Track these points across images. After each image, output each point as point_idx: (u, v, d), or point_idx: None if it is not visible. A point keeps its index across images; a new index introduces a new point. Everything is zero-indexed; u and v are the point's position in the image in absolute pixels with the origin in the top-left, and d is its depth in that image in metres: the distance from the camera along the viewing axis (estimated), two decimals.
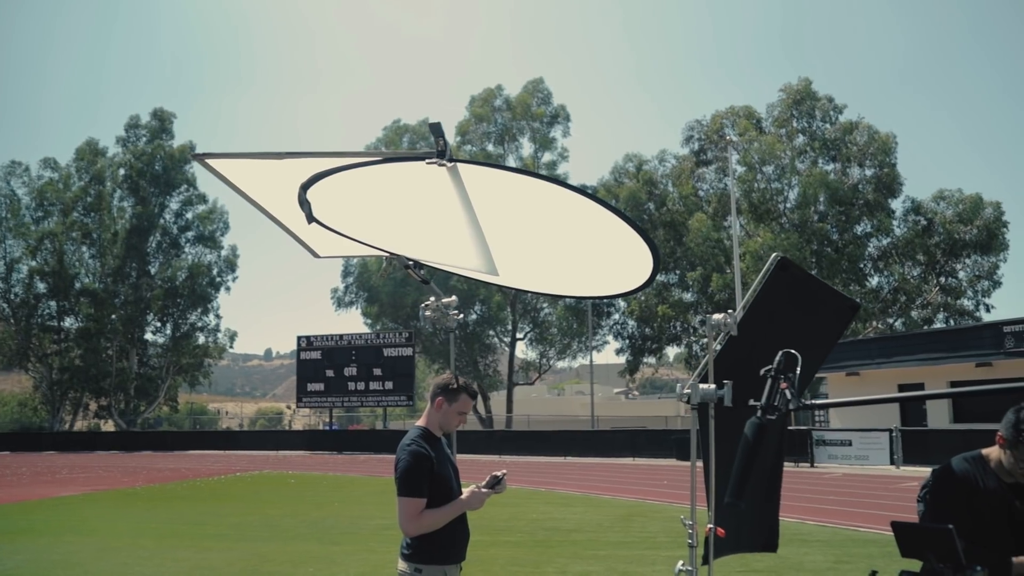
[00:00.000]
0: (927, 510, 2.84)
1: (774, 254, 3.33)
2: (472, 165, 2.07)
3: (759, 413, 2.26)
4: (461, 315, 4.05)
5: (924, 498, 2.83)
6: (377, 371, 34.04)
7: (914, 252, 41.96)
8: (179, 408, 55.20)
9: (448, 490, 3.76)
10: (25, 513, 14.33)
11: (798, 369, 2.26)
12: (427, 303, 3.81)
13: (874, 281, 44.19)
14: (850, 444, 23.26)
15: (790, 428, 28.33)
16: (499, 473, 3.86)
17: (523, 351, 50.05)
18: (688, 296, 44.49)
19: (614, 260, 2.79)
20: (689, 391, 2.82)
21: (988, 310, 42.16)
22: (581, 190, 2.25)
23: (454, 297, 3.83)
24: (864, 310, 44.15)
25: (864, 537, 10.76)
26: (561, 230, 2.67)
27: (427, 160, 2.14)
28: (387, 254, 3.04)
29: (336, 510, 14.31)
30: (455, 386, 3.88)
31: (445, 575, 3.71)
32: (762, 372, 2.29)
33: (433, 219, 2.49)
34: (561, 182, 2.23)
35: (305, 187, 2.21)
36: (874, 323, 46.00)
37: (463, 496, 3.77)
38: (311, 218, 2.38)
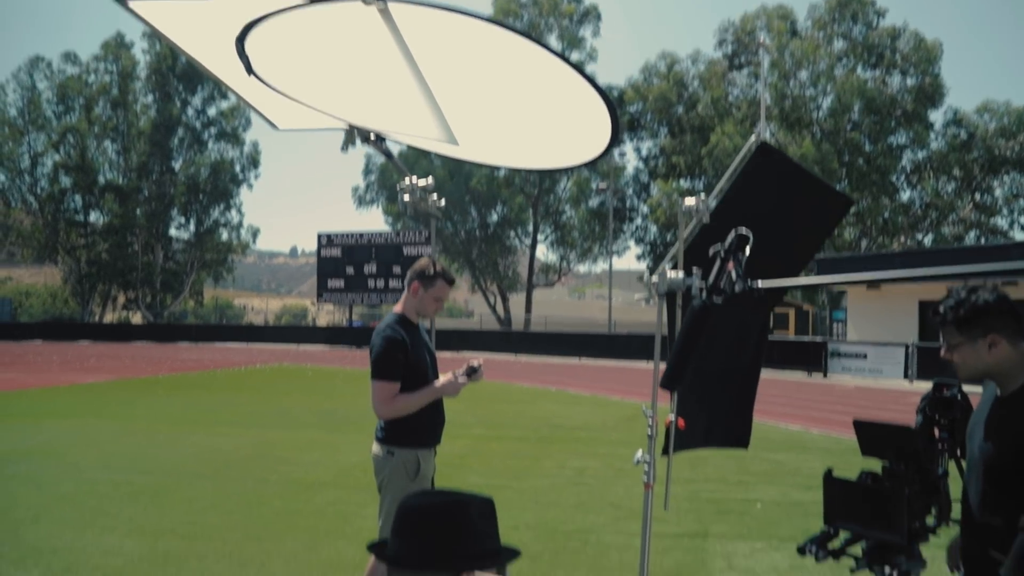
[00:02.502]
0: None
1: (753, 136, 3.13)
2: (408, 4, 1.88)
3: (703, 295, 2.15)
4: (443, 200, 3.93)
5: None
6: (396, 269, 34.23)
7: (950, 167, 40.62)
8: (205, 303, 56.29)
9: (423, 376, 3.75)
10: (51, 397, 14.85)
11: (747, 250, 2.13)
12: (403, 186, 3.69)
13: (905, 195, 43.08)
14: (865, 357, 23.18)
15: (805, 340, 28.34)
16: (475, 363, 3.83)
17: (544, 254, 50.06)
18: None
19: (570, 124, 2.62)
20: (657, 280, 2.70)
21: (1023, 229, 41.12)
22: (534, 38, 2.07)
23: (430, 178, 3.70)
24: (892, 224, 43.24)
25: None
26: (515, 91, 2.50)
27: None
28: (345, 125, 2.90)
29: (346, 401, 14.66)
30: (432, 272, 3.81)
31: (418, 458, 3.74)
32: (711, 251, 2.16)
33: (383, 80, 2.32)
34: (510, 27, 2.04)
35: (240, 40, 2.06)
36: (902, 238, 45.13)
37: (438, 382, 3.75)
38: (249, 70, 2.23)
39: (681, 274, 2.62)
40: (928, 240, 44.71)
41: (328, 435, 10.67)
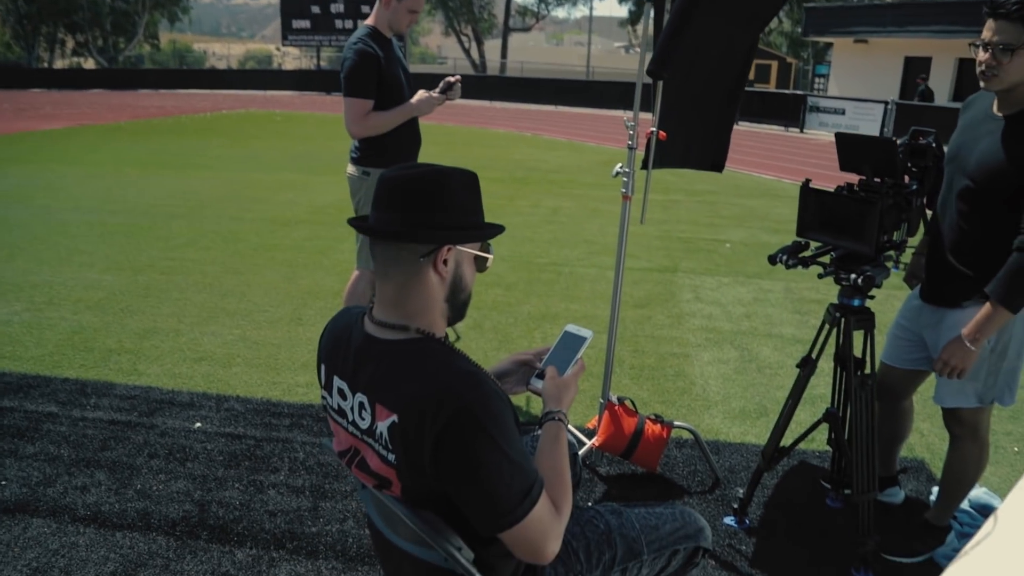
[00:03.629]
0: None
1: None
2: None
3: None
4: None
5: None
6: (366, 8, 32.05)
7: None
8: (161, 47, 53.05)
9: (398, 93, 3.57)
10: (10, 144, 14.34)
11: None
12: None
13: None
14: (843, 113, 22.86)
15: (785, 93, 27.77)
16: (452, 78, 3.65)
17: None
18: None
19: None
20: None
21: None
22: None
23: None
24: None
25: None
26: None
27: None
28: None
29: (319, 145, 14.40)
30: None
31: None
32: None
33: None
34: None
35: None
36: None
37: (413, 99, 3.60)
38: None
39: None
40: None
41: (302, 176, 10.58)
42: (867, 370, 2.49)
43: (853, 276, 2.33)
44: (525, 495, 1.31)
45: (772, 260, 2.47)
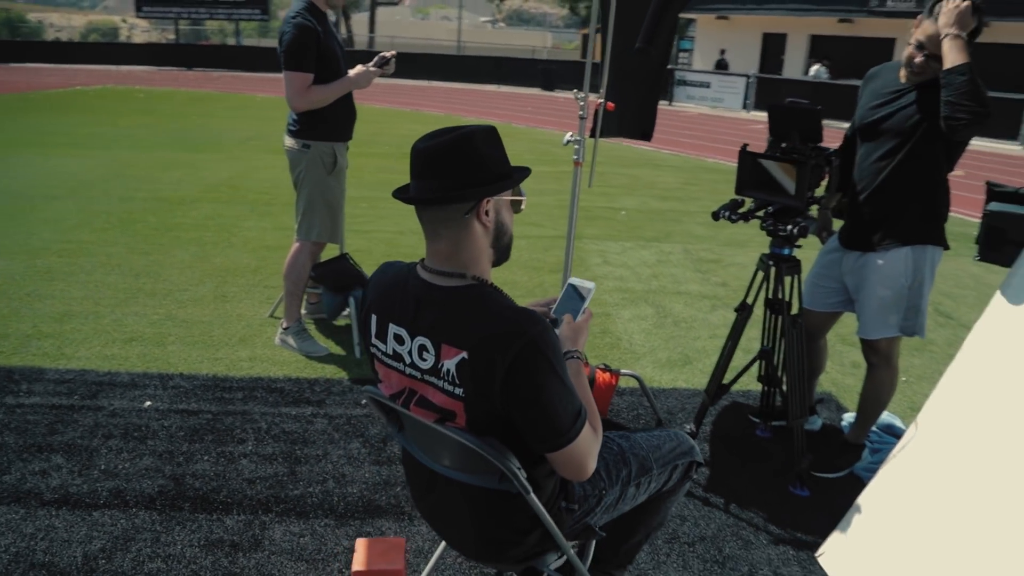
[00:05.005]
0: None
1: None
2: None
3: None
4: None
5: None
6: None
7: None
8: None
9: (336, 66, 3.63)
10: None
11: None
12: None
13: None
14: (708, 86, 24.05)
15: None
16: (387, 54, 3.74)
17: None
18: None
19: None
20: None
21: None
22: None
23: None
24: None
25: (711, 166, 11.71)
26: None
27: None
28: None
29: (195, 122, 13.78)
30: None
31: (334, 151, 3.74)
32: None
33: None
34: None
35: None
36: None
37: (351, 73, 3.66)
38: None
39: None
40: None
41: (184, 155, 10.15)
42: (795, 311, 2.84)
43: (789, 227, 2.65)
44: (577, 417, 1.51)
45: (715, 216, 2.76)
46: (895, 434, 3.06)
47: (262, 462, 2.96)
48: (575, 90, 2.98)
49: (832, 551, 2.47)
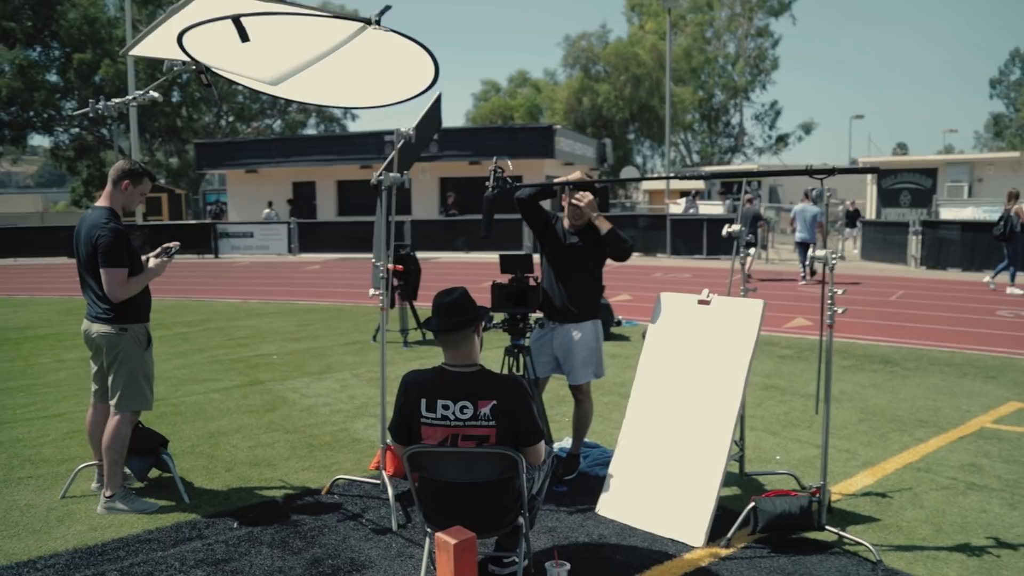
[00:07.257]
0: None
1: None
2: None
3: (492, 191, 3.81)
4: None
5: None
6: None
7: None
8: None
9: (138, 261, 4.31)
10: None
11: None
12: None
13: None
14: (252, 236, 25.27)
15: (194, 223, 29.34)
16: (170, 245, 4.51)
17: None
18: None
19: (396, 71, 3.73)
20: (382, 178, 4.17)
21: (354, 119, 48.87)
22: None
23: None
24: (248, 110, 46.45)
25: (302, 307, 13.12)
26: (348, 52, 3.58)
27: None
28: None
29: None
30: (139, 170, 4.32)
31: (147, 330, 4.37)
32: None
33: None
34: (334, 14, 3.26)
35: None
36: (254, 124, 48.73)
37: (151, 264, 4.36)
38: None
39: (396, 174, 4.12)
40: (278, 126, 49.31)
41: None
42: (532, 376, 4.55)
43: (533, 321, 4.39)
44: (541, 427, 2.97)
45: (485, 328, 4.36)
46: (591, 446, 4.95)
47: None
48: (380, 261, 4.32)
49: (602, 505, 4.16)
